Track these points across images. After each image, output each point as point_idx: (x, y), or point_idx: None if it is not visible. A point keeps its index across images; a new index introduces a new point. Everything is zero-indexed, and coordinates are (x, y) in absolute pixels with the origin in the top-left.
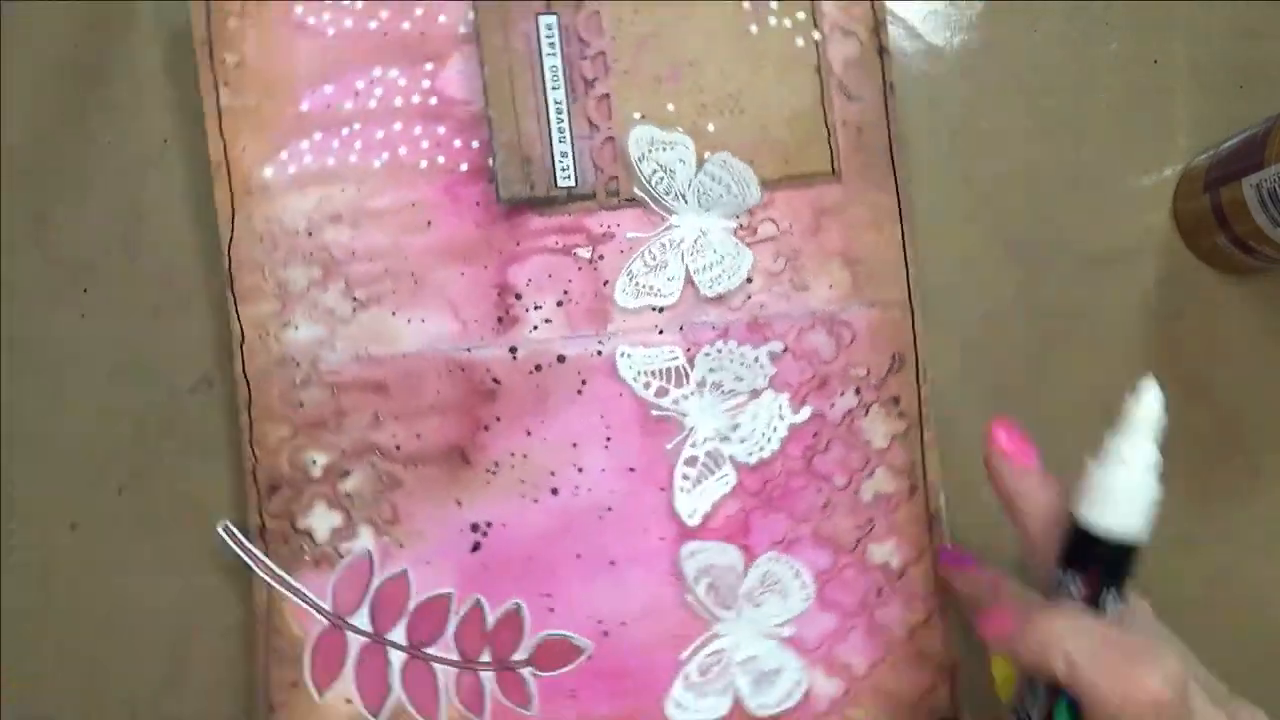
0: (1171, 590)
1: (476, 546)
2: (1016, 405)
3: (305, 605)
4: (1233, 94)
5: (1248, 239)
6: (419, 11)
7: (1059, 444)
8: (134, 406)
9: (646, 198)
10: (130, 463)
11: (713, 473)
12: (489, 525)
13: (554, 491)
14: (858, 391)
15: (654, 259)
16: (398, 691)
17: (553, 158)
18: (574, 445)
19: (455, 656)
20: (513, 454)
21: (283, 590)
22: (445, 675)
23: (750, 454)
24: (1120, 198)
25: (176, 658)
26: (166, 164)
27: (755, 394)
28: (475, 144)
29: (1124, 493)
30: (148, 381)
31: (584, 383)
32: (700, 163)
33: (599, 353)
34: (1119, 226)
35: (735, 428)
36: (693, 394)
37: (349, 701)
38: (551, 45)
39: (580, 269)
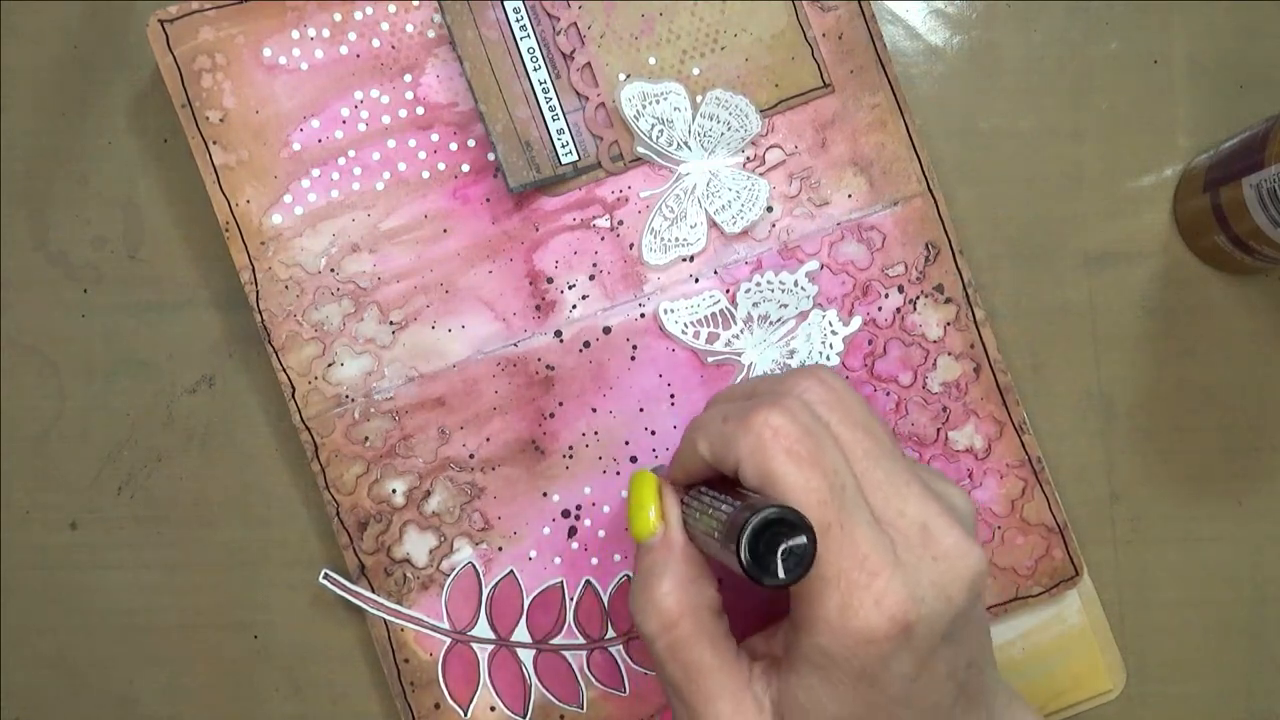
0: (1171, 590)
1: (573, 531)
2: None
3: (425, 630)
4: (1233, 94)
5: (1248, 239)
6: (385, 26)
7: (1059, 444)
8: (134, 406)
9: (651, 154)
10: (130, 463)
11: None
12: (579, 508)
13: (633, 459)
14: (900, 289)
15: (672, 211)
16: (537, 687)
17: (551, 137)
18: (640, 410)
19: (581, 640)
20: (584, 434)
21: (400, 621)
22: (577, 660)
23: None
24: (1120, 198)
25: (177, 659)
26: (166, 164)
27: (803, 316)
28: (471, 142)
29: None
30: (148, 381)
31: (635, 348)
32: (695, 106)
33: (642, 315)
34: (1119, 226)
35: (792, 353)
36: (742, 332)
37: (493, 709)
38: (523, 27)
39: (603, 239)
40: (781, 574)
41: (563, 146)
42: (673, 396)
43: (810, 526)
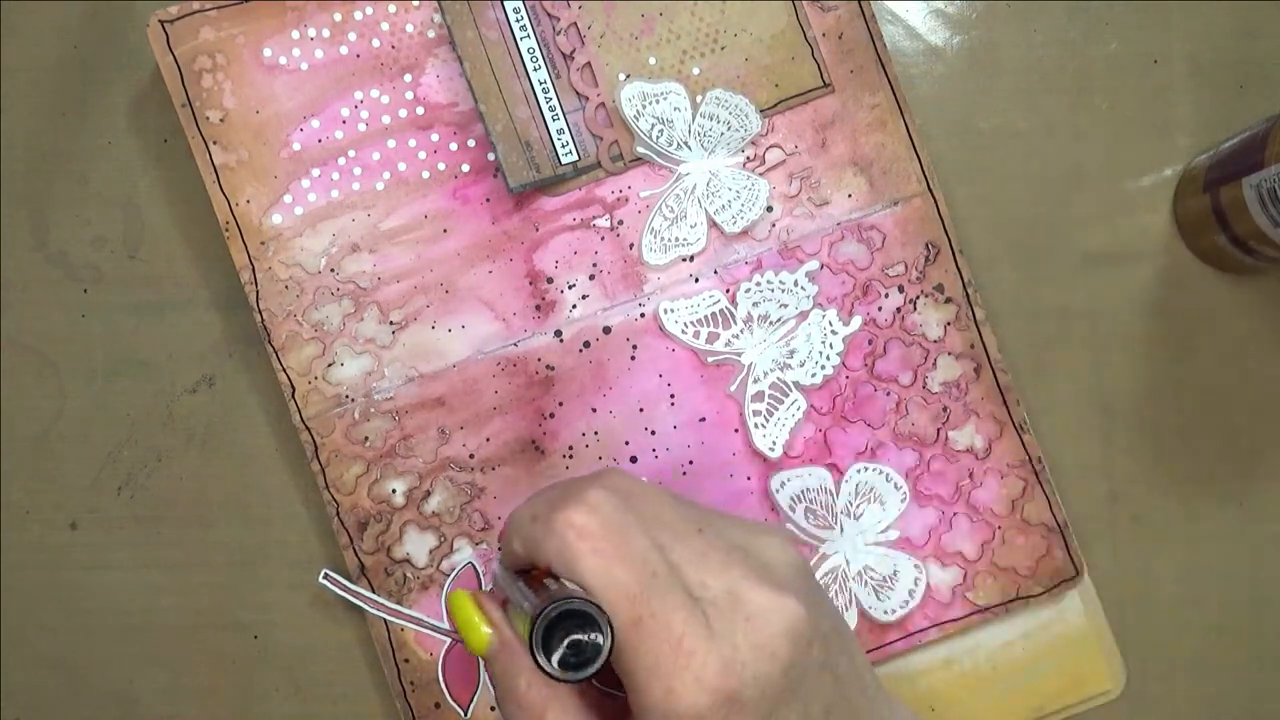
0: (1171, 590)
1: None
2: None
3: (425, 630)
4: (1233, 94)
5: (1248, 239)
6: (385, 26)
7: (1059, 444)
8: (134, 406)
9: (651, 154)
10: (130, 463)
11: (781, 402)
12: None
13: (633, 459)
14: (901, 289)
15: (672, 211)
16: None
17: (551, 137)
18: (641, 410)
19: None
20: (583, 434)
21: (400, 621)
22: None
23: (812, 375)
24: (1120, 198)
25: (177, 659)
26: (166, 164)
27: (803, 316)
28: (471, 142)
29: None
30: (148, 381)
31: (635, 348)
32: (695, 106)
33: (642, 315)
34: (1119, 226)
35: (792, 353)
36: (742, 331)
37: (493, 709)
38: (523, 28)
39: (603, 239)
40: (579, 668)
41: (563, 146)
42: (673, 396)
43: (603, 616)
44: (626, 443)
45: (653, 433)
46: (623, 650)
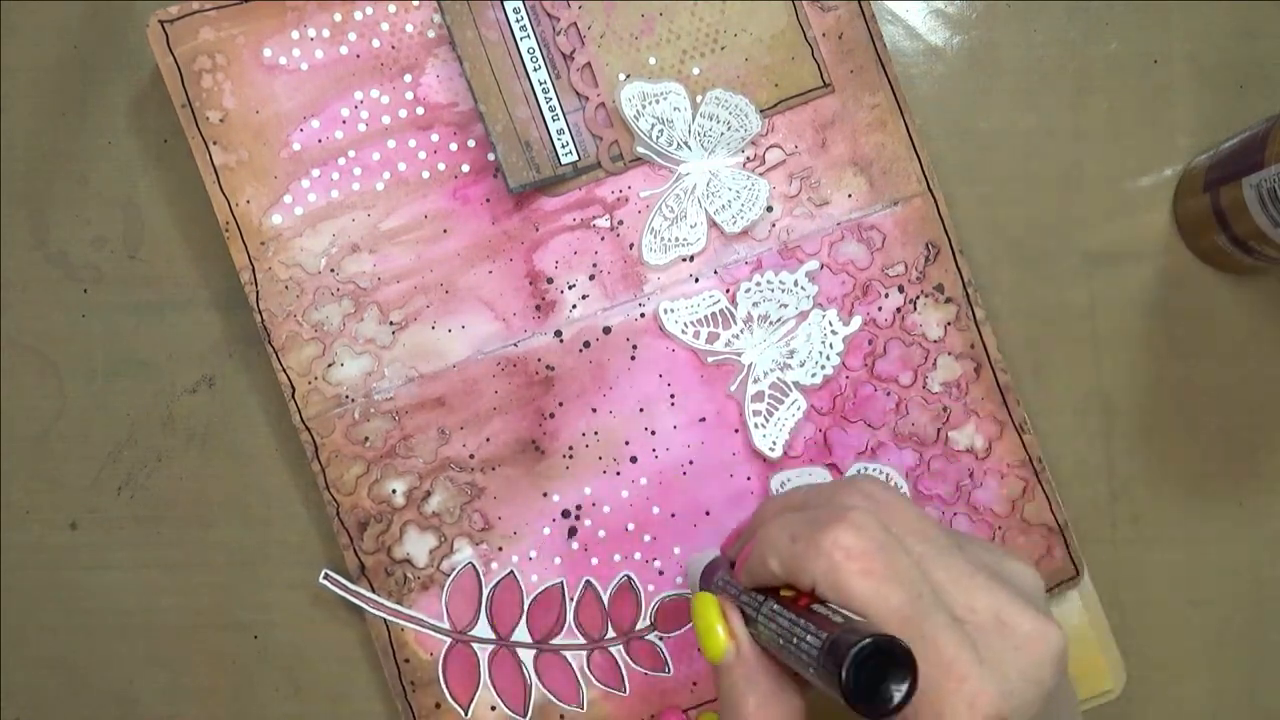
0: (1171, 590)
1: (573, 531)
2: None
3: (425, 630)
4: (1233, 94)
5: (1248, 239)
6: (385, 27)
7: (1059, 444)
8: (134, 406)
9: (651, 154)
10: (130, 463)
11: (781, 402)
12: (579, 508)
13: (633, 460)
14: (901, 289)
15: (672, 211)
16: (537, 687)
17: (551, 137)
18: (641, 410)
19: (581, 640)
20: (584, 434)
21: (401, 621)
22: (578, 660)
23: (812, 375)
24: (1120, 198)
25: (177, 659)
26: (166, 164)
27: (802, 316)
28: (471, 143)
29: None
30: (148, 381)
31: (635, 348)
32: (695, 106)
33: (642, 315)
34: (1119, 226)
35: (792, 353)
36: (742, 331)
37: (494, 708)
38: (523, 28)
39: (603, 239)
40: (892, 703)
41: (563, 146)
42: (673, 396)
43: (910, 654)
44: (626, 443)
45: (653, 433)
46: None
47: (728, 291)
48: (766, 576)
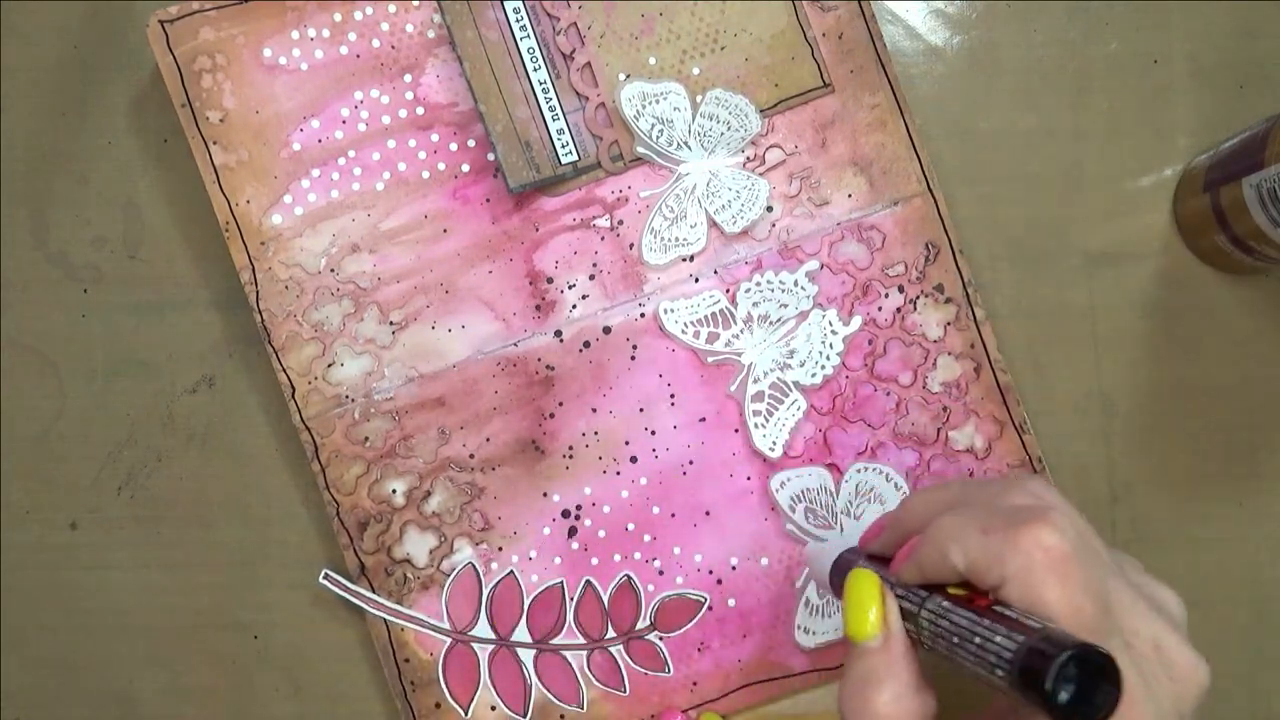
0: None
1: (573, 531)
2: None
3: (425, 630)
4: (1233, 94)
5: (1248, 239)
6: (385, 27)
7: (1059, 444)
8: (134, 406)
9: (651, 154)
10: (130, 463)
11: (781, 402)
12: (579, 508)
13: (633, 459)
14: (901, 289)
15: (672, 211)
16: (537, 687)
17: (551, 137)
18: (640, 410)
19: (581, 640)
20: (584, 434)
21: (401, 621)
22: (578, 660)
23: (812, 375)
24: (1120, 198)
25: (177, 659)
26: (166, 164)
27: (802, 316)
28: (471, 143)
29: None
30: (148, 381)
31: (635, 348)
32: (695, 106)
33: (642, 315)
34: (1119, 226)
35: (792, 353)
36: (742, 332)
37: (494, 709)
38: (523, 28)
39: (603, 239)
40: (1097, 715)
41: (563, 146)
42: (673, 396)
43: (1116, 667)
44: (626, 443)
45: (653, 433)
46: None
47: (728, 291)
48: (942, 570)
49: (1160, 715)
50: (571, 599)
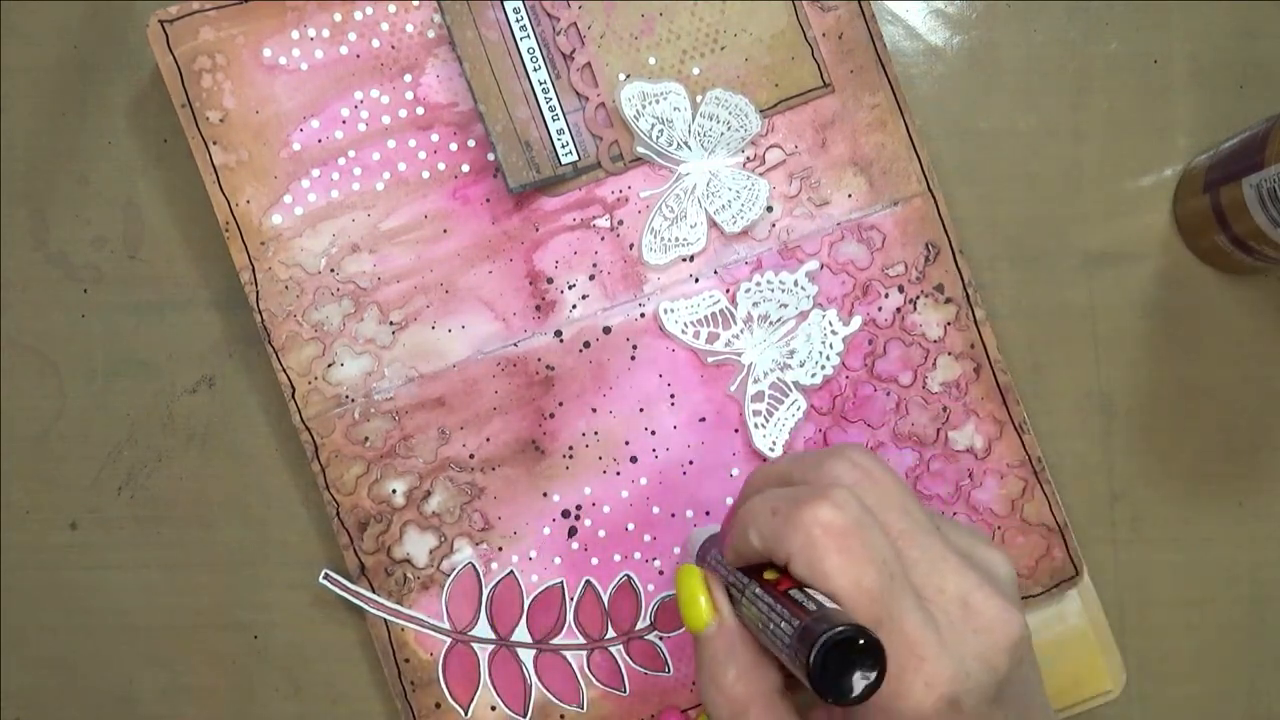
0: (1171, 590)
1: (573, 531)
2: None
3: (425, 630)
4: (1233, 94)
5: (1248, 239)
6: (385, 27)
7: (1059, 444)
8: (134, 406)
9: (651, 154)
10: (130, 463)
11: (781, 402)
12: (579, 508)
13: (633, 460)
14: (901, 289)
15: (672, 211)
16: (537, 687)
17: (551, 137)
18: (641, 410)
19: (581, 640)
20: (584, 434)
21: (401, 621)
22: (578, 660)
23: (812, 375)
24: (1120, 198)
25: (177, 659)
26: (166, 164)
27: (803, 316)
28: (471, 143)
29: None
30: (148, 381)
31: (635, 348)
32: (695, 106)
33: (642, 315)
34: (1119, 226)
35: (792, 353)
36: (742, 332)
37: (494, 708)
38: (523, 28)
39: (603, 239)
40: (855, 693)
41: (563, 146)
42: (673, 396)
43: (880, 645)
44: (626, 443)
45: (653, 433)
46: None
47: (728, 291)
48: (748, 550)
49: (960, 666)
50: (571, 599)
